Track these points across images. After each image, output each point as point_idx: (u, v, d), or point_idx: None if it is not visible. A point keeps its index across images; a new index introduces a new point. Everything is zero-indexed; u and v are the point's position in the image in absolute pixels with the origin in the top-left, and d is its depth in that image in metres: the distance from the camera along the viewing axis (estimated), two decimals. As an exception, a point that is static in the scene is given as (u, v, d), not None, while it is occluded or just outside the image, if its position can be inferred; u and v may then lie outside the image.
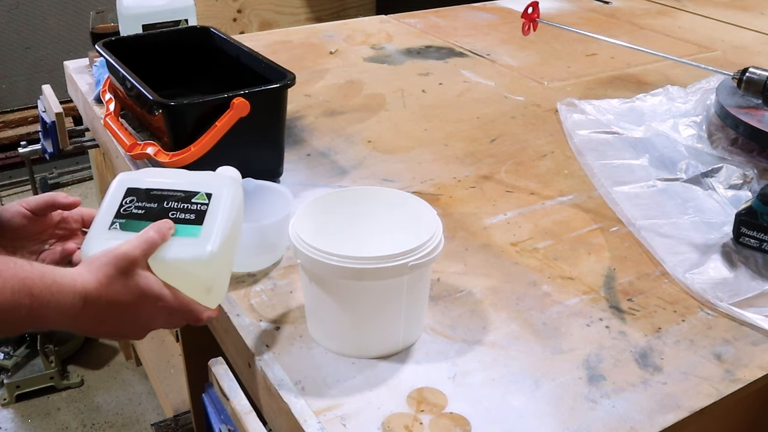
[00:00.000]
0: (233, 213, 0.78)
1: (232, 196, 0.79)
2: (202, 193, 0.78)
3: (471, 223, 1.05)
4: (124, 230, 0.75)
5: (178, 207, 0.77)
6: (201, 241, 0.74)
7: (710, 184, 1.13)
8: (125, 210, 0.77)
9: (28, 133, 2.76)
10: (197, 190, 0.78)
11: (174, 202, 0.77)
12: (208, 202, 0.77)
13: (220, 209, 0.77)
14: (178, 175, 0.82)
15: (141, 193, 0.79)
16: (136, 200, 0.78)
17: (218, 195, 0.78)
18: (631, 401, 0.74)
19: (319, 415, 0.72)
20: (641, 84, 1.54)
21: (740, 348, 0.82)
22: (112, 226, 0.76)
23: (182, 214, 0.76)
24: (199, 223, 0.76)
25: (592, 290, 0.91)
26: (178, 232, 0.74)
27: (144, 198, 0.78)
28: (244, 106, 1.02)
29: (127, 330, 0.75)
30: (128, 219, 0.76)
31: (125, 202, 0.78)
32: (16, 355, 2.00)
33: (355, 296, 0.76)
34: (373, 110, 1.42)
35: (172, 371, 1.81)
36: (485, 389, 0.76)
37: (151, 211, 0.77)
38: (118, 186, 0.80)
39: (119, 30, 1.45)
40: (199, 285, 0.75)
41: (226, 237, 0.76)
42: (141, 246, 0.71)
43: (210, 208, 0.77)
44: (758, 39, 1.88)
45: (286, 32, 1.91)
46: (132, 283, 0.70)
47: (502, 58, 1.71)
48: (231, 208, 0.78)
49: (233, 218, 0.78)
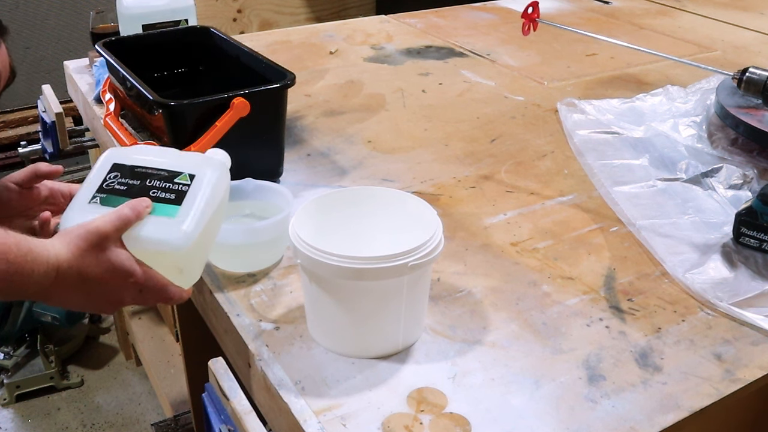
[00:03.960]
0: (214, 197, 0.78)
1: (215, 179, 0.79)
2: (185, 174, 0.78)
3: (471, 223, 1.05)
4: (103, 205, 0.76)
5: (160, 186, 0.77)
6: (176, 222, 0.75)
7: (710, 184, 1.13)
8: (108, 185, 0.77)
9: (28, 133, 2.76)
10: (181, 170, 0.79)
11: (156, 181, 0.78)
12: (190, 183, 0.78)
13: (200, 191, 0.77)
14: (166, 154, 0.82)
15: (126, 169, 0.79)
16: (120, 176, 0.78)
17: (201, 177, 0.78)
18: (631, 401, 0.74)
19: (319, 415, 0.72)
20: (641, 84, 1.54)
21: (740, 348, 0.82)
22: (92, 200, 0.77)
23: (162, 193, 0.77)
24: (178, 203, 0.76)
25: (592, 290, 0.91)
26: (155, 210, 0.75)
27: (128, 174, 0.78)
28: (244, 106, 1.02)
29: (97, 303, 0.75)
30: (109, 194, 0.77)
31: (109, 177, 0.78)
32: (16, 355, 2.00)
33: (355, 296, 0.76)
34: (373, 110, 1.42)
35: (172, 371, 1.81)
36: (485, 389, 0.76)
37: (133, 188, 0.77)
38: (105, 161, 0.80)
39: (119, 30, 1.45)
40: (171, 265, 0.76)
41: (203, 220, 0.76)
42: (114, 222, 0.72)
43: (191, 190, 0.77)
44: (758, 39, 1.88)
45: (286, 32, 1.91)
46: (103, 258, 0.71)
47: (502, 58, 1.71)
48: (212, 192, 0.78)
49: (214, 202, 0.78)
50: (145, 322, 1.96)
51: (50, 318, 1.92)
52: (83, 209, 0.76)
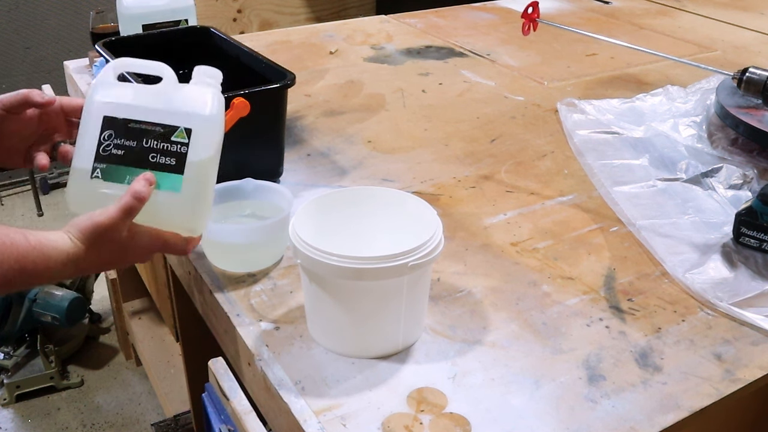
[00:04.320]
0: (212, 148, 0.78)
1: (210, 127, 0.78)
2: (182, 129, 0.77)
3: (471, 223, 1.05)
4: (106, 180, 0.76)
5: (158, 147, 0.76)
6: (183, 200, 0.76)
7: (710, 184, 1.13)
8: (105, 150, 0.77)
9: (27, 133, 2.76)
10: (177, 124, 0.77)
11: (153, 141, 0.76)
12: (188, 142, 0.76)
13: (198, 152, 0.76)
14: (157, 94, 0.78)
15: (119, 125, 0.77)
16: (115, 135, 0.77)
17: (198, 133, 0.76)
18: (631, 401, 0.74)
19: (319, 415, 0.72)
20: (641, 84, 1.54)
21: (740, 348, 0.82)
22: (94, 175, 0.77)
23: (162, 158, 0.76)
24: (180, 171, 0.76)
25: (592, 290, 0.91)
26: (159, 184, 0.75)
27: (122, 133, 0.77)
28: (244, 106, 1.02)
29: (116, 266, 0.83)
30: (108, 163, 0.76)
31: (104, 138, 0.77)
32: (16, 355, 2.00)
33: (355, 296, 0.76)
34: (373, 110, 1.42)
35: (172, 371, 1.81)
36: (485, 389, 0.76)
37: (131, 152, 0.76)
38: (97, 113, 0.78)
39: (119, 30, 1.45)
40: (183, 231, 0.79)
41: (208, 191, 0.78)
42: (121, 216, 0.73)
43: (190, 151, 0.76)
44: (758, 39, 1.88)
45: (286, 32, 1.91)
46: (115, 246, 0.75)
47: (502, 58, 1.71)
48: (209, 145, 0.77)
49: (214, 163, 0.78)
50: (145, 322, 1.96)
51: (50, 318, 1.92)
52: (88, 187, 0.77)
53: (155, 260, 1.35)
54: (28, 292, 1.91)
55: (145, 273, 1.59)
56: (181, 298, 1.20)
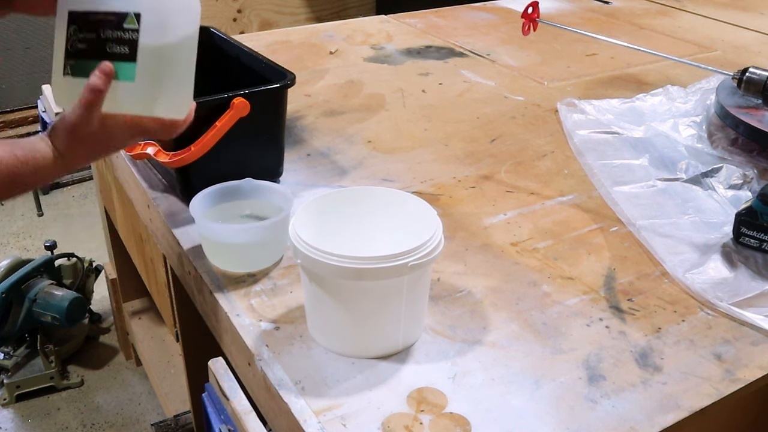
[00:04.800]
0: (171, 33, 0.76)
1: (165, 11, 0.76)
2: (131, 16, 0.75)
3: (471, 223, 1.05)
4: (75, 76, 0.78)
5: (113, 36, 0.76)
6: (142, 89, 0.76)
7: (710, 184, 1.13)
8: (72, 46, 0.78)
9: (28, 133, 2.77)
10: (125, 10, 0.75)
11: (108, 30, 0.76)
12: (138, 28, 0.75)
13: (153, 37, 0.75)
14: None
15: (80, 18, 0.78)
16: (78, 29, 0.78)
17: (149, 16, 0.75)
18: (631, 401, 0.74)
19: (319, 415, 0.72)
20: (641, 84, 1.54)
21: (740, 348, 0.82)
22: (65, 71, 0.78)
23: (117, 47, 0.76)
24: (133, 59, 0.75)
25: (592, 290, 0.91)
26: (117, 74, 0.75)
27: (84, 26, 0.77)
28: (244, 106, 1.02)
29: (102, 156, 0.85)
30: (75, 59, 0.78)
31: (70, 34, 0.78)
32: (16, 355, 2.00)
33: (355, 296, 0.76)
34: (373, 110, 1.42)
35: (172, 371, 1.81)
36: (485, 389, 0.76)
37: (92, 45, 0.77)
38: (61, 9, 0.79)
39: (119, 30, 1.45)
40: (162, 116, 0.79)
41: (170, 68, 0.77)
42: (83, 112, 0.75)
43: (141, 37, 0.75)
44: (758, 39, 1.88)
45: (286, 32, 1.91)
46: (91, 140, 0.78)
47: (502, 58, 1.71)
48: (166, 29, 0.76)
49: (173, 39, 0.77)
50: (145, 322, 1.96)
51: (50, 318, 1.92)
52: (63, 85, 0.79)
53: (155, 260, 1.35)
54: (29, 293, 1.91)
55: (145, 273, 1.59)
56: (181, 298, 1.20)
